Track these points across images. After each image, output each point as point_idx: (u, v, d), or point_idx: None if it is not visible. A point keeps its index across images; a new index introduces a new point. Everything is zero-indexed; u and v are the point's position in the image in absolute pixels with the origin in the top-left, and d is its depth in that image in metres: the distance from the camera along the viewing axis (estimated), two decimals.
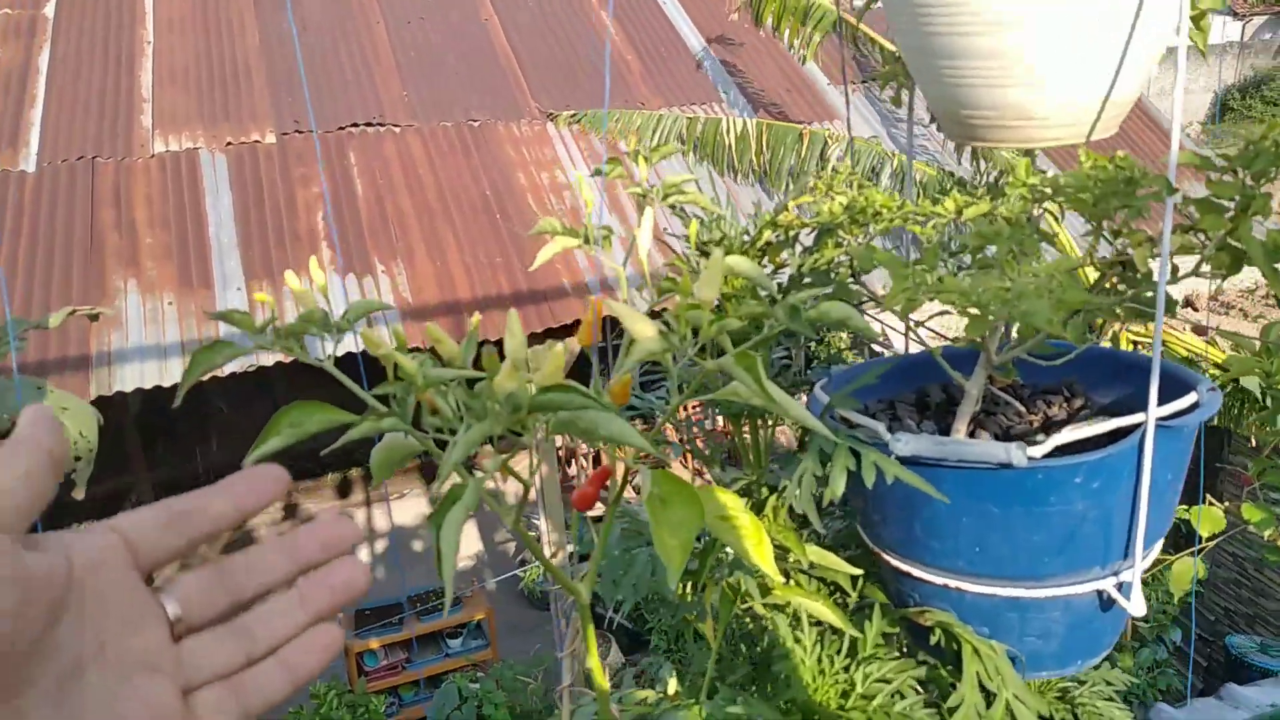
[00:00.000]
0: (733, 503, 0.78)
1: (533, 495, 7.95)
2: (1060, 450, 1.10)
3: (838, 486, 1.09)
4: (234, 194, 5.95)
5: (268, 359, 5.22)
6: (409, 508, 9.94)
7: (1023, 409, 1.26)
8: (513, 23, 7.87)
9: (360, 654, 6.64)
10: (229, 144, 6.26)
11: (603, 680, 0.86)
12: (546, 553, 6.02)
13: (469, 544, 9.30)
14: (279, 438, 0.75)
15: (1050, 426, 1.23)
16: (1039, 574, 1.14)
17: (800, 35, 5.79)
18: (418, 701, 6.71)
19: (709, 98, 7.45)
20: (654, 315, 0.83)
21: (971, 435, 1.17)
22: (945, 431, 1.23)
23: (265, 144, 6.31)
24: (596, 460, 8.51)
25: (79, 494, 1.35)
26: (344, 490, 10.53)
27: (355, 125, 6.54)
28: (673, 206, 1.13)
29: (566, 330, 5.61)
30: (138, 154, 6.08)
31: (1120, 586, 1.18)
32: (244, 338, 0.77)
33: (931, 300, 0.94)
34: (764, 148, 5.97)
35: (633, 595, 1.13)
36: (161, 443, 9.90)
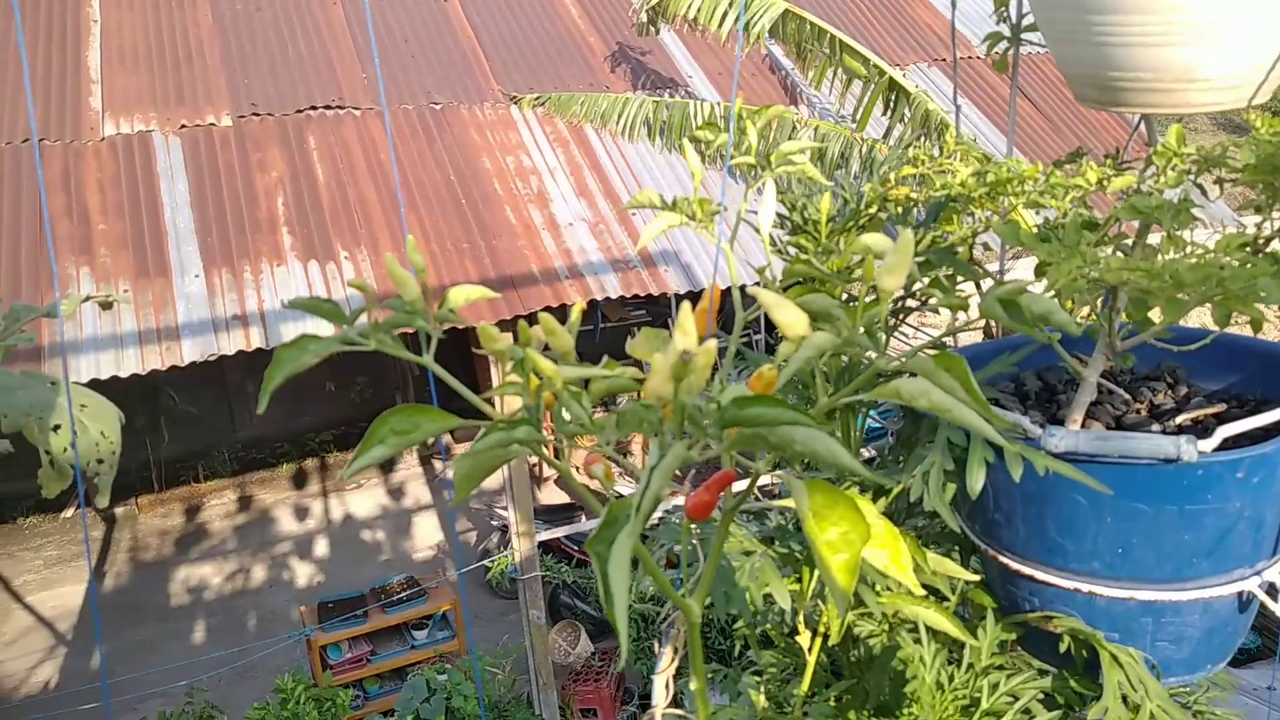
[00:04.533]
0: (866, 508, 0.73)
1: (498, 482, 7.84)
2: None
3: (976, 483, 1.04)
4: (190, 179, 5.77)
5: (229, 347, 5.08)
6: (366, 498, 9.79)
7: (1128, 397, 1.22)
8: (472, 2, 7.72)
9: (324, 647, 6.52)
10: (183, 127, 6.06)
11: (707, 706, 0.81)
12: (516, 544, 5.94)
13: (430, 534, 9.19)
14: (383, 447, 0.68)
15: (1161, 415, 1.18)
16: (1184, 576, 1.09)
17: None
18: (384, 694, 6.62)
19: (674, 81, 7.38)
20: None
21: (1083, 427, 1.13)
22: (1053, 420, 1.18)
23: (221, 127, 6.13)
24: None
25: (102, 501, 1.25)
26: (299, 481, 10.35)
27: (314, 108, 6.38)
28: (753, 181, 1.06)
29: (537, 319, 5.52)
30: (87, 137, 5.86)
31: (1269, 588, 1.12)
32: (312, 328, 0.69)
33: (1086, 283, 0.88)
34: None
35: (748, 610, 1.07)
36: None
